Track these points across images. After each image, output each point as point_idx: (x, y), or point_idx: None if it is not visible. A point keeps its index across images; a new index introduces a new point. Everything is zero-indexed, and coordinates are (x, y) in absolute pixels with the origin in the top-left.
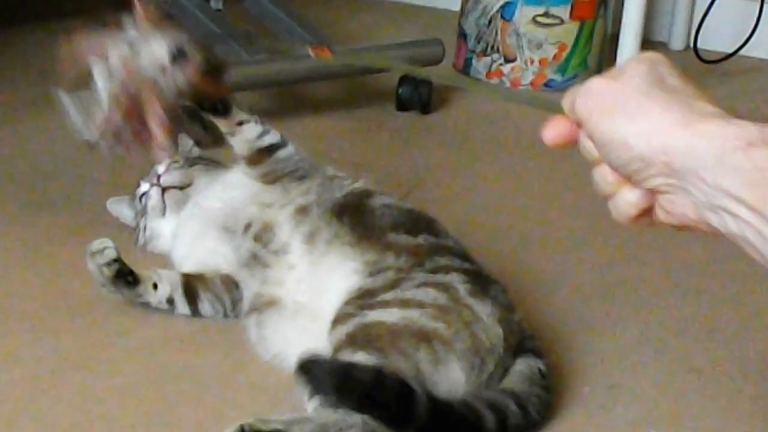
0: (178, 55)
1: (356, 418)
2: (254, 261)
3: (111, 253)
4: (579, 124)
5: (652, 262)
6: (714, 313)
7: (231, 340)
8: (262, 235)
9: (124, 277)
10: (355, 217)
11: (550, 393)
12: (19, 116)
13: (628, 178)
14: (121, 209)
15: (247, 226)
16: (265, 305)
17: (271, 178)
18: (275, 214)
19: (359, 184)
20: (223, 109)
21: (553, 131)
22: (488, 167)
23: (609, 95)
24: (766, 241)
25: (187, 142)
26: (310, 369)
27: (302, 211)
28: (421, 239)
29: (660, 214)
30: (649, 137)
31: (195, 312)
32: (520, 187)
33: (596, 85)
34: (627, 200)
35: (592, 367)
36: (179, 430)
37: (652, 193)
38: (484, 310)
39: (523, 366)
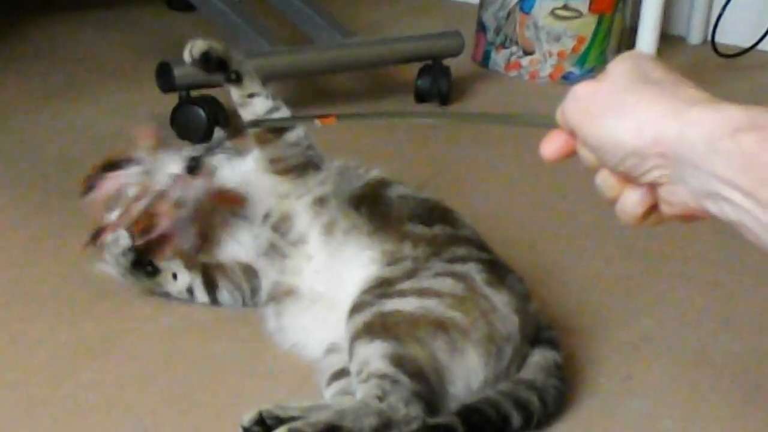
0: (194, 164)
1: (374, 407)
2: (273, 250)
3: (125, 242)
4: (573, 133)
5: (667, 255)
6: (729, 305)
7: (250, 328)
8: (280, 226)
9: (143, 267)
10: (372, 208)
11: (566, 385)
12: (43, 105)
13: (628, 177)
14: None
15: (266, 216)
16: (283, 294)
17: (281, 168)
18: (292, 204)
19: (375, 174)
20: (236, 77)
21: (551, 146)
22: (505, 159)
23: (595, 98)
24: (761, 225)
25: (219, 135)
26: None
27: (320, 202)
28: (437, 229)
29: (664, 208)
30: (640, 131)
31: (214, 300)
32: (537, 179)
33: (581, 90)
34: (631, 200)
35: (607, 359)
36: (198, 416)
37: (653, 187)
38: (500, 299)
39: (539, 357)
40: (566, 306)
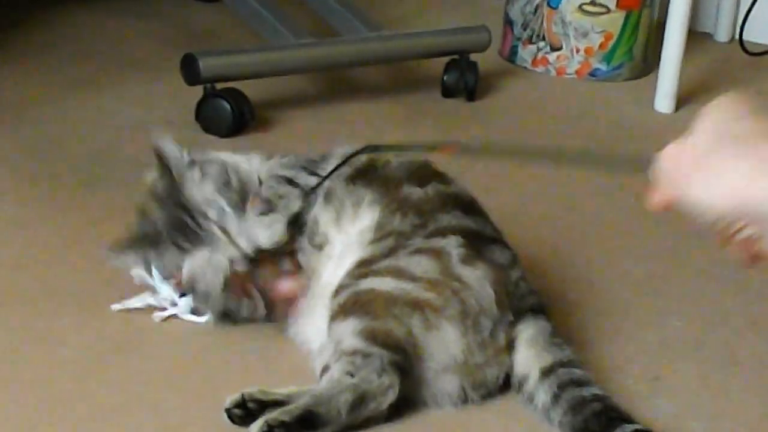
0: None
1: (346, 383)
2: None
3: None
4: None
5: (695, 255)
6: (756, 306)
7: (275, 326)
8: (311, 233)
9: None
10: (370, 177)
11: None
12: (67, 97)
13: (725, 235)
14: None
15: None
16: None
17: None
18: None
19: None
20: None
21: (654, 201)
22: None
23: (681, 161)
24: None
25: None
26: None
27: (327, 196)
28: (430, 189)
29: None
30: (725, 197)
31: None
32: (565, 176)
33: (668, 153)
34: (734, 251)
35: (634, 359)
36: (223, 413)
37: (750, 242)
38: (475, 275)
39: (533, 331)
40: (594, 306)
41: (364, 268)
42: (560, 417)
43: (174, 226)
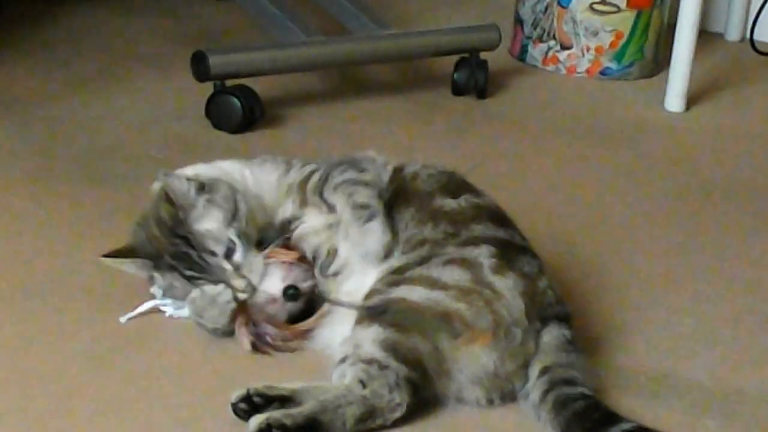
0: (290, 294)
1: (357, 393)
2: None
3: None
4: None
5: (707, 253)
6: None
7: None
8: (325, 263)
9: None
10: (399, 194)
11: (582, 354)
12: (76, 93)
13: None
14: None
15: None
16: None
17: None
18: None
19: (391, 165)
20: None
21: None
22: (544, 153)
23: None
24: None
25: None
26: None
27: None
28: (462, 200)
29: None
30: None
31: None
32: (576, 173)
33: None
34: None
35: (647, 356)
36: (229, 408)
37: None
38: (506, 285)
39: (549, 337)
40: (605, 304)
41: (396, 275)
42: (546, 414)
43: (177, 256)
